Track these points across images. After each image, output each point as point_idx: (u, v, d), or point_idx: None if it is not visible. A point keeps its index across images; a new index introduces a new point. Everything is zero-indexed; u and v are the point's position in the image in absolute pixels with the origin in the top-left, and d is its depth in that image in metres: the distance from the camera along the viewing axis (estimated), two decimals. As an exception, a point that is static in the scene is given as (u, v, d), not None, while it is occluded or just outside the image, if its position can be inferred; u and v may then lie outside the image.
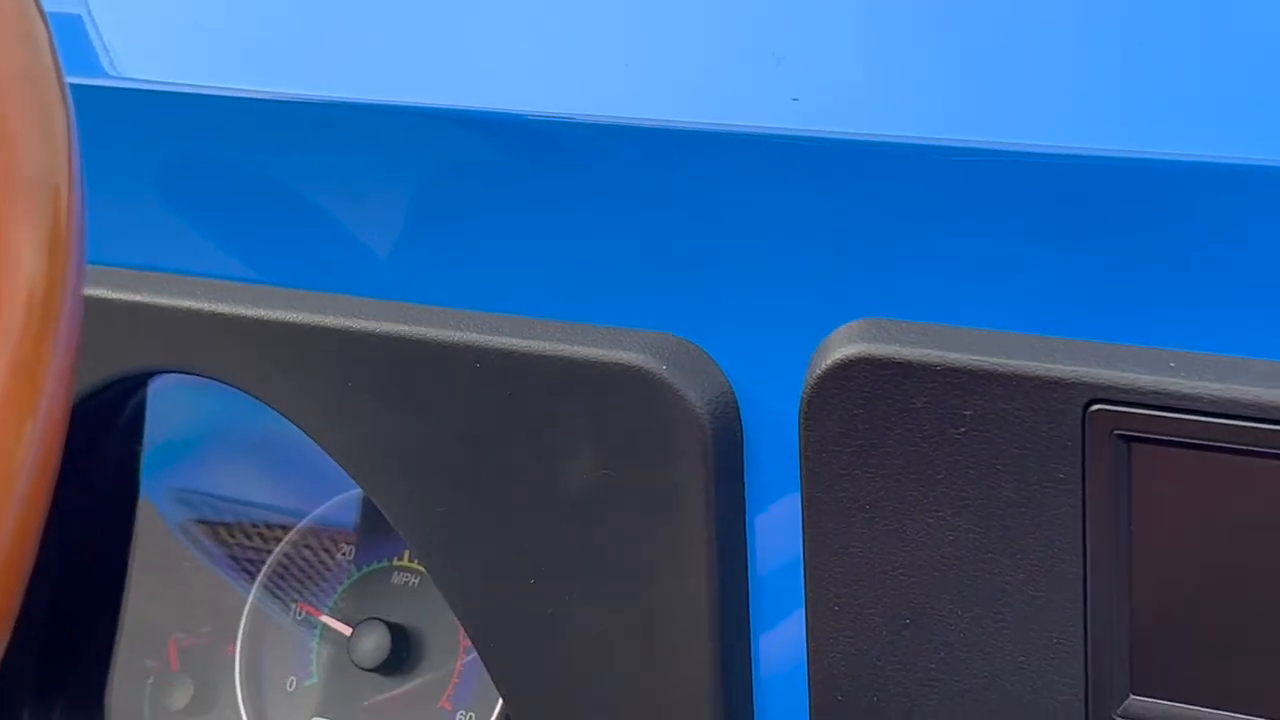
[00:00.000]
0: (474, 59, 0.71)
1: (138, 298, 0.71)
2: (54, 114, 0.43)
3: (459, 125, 0.66)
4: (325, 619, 0.79)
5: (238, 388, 0.70)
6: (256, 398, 0.70)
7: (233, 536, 0.83)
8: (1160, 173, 0.55)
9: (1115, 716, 0.58)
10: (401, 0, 0.75)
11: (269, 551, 0.82)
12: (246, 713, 0.80)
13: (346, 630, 0.78)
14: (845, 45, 0.66)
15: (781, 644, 0.64)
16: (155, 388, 0.79)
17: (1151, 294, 0.56)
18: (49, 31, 0.44)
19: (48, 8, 0.46)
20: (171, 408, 0.81)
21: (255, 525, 0.82)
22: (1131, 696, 0.57)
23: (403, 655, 0.77)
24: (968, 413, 0.57)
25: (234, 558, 0.82)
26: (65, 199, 0.42)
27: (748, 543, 0.64)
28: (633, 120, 0.63)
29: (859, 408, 0.59)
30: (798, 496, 0.61)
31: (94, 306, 0.70)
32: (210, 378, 0.71)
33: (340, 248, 0.69)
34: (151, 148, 0.72)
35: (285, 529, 0.82)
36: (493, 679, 0.68)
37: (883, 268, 0.60)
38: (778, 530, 0.64)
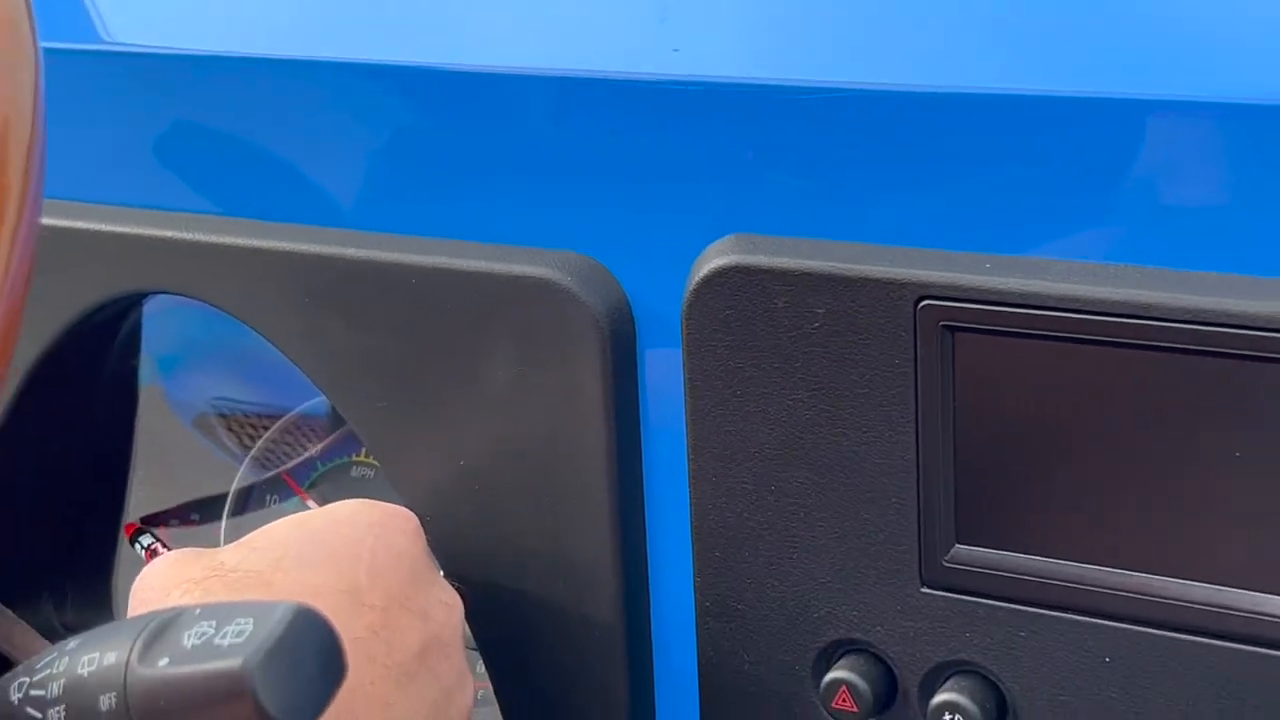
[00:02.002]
0: (410, 23, 0.69)
1: (130, 229, 0.70)
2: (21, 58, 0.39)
3: (396, 80, 0.65)
4: (309, 501, 0.79)
5: (214, 306, 0.70)
6: (231, 314, 0.70)
7: (222, 430, 0.82)
8: (961, 105, 0.55)
9: (944, 562, 0.58)
10: None
11: (252, 444, 0.81)
12: None
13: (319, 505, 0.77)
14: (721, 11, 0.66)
15: (670, 509, 0.64)
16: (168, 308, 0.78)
17: (969, 209, 0.56)
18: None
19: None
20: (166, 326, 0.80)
21: (241, 419, 0.82)
22: (956, 545, 0.58)
23: None
24: (820, 310, 0.57)
25: (224, 449, 0.82)
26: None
27: (640, 425, 0.64)
28: (540, 71, 0.62)
29: (730, 309, 0.59)
30: (681, 385, 0.61)
31: (91, 237, 0.71)
32: (183, 296, 0.71)
33: (301, 185, 0.68)
34: (147, 102, 0.71)
35: (268, 423, 0.80)
36: (433, 549, 0.67)
37: (749, 194, 0.59)
38: (665, 414, 0.63)
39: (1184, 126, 0.53)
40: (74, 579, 0.81)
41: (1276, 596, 0.53)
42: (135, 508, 0.83)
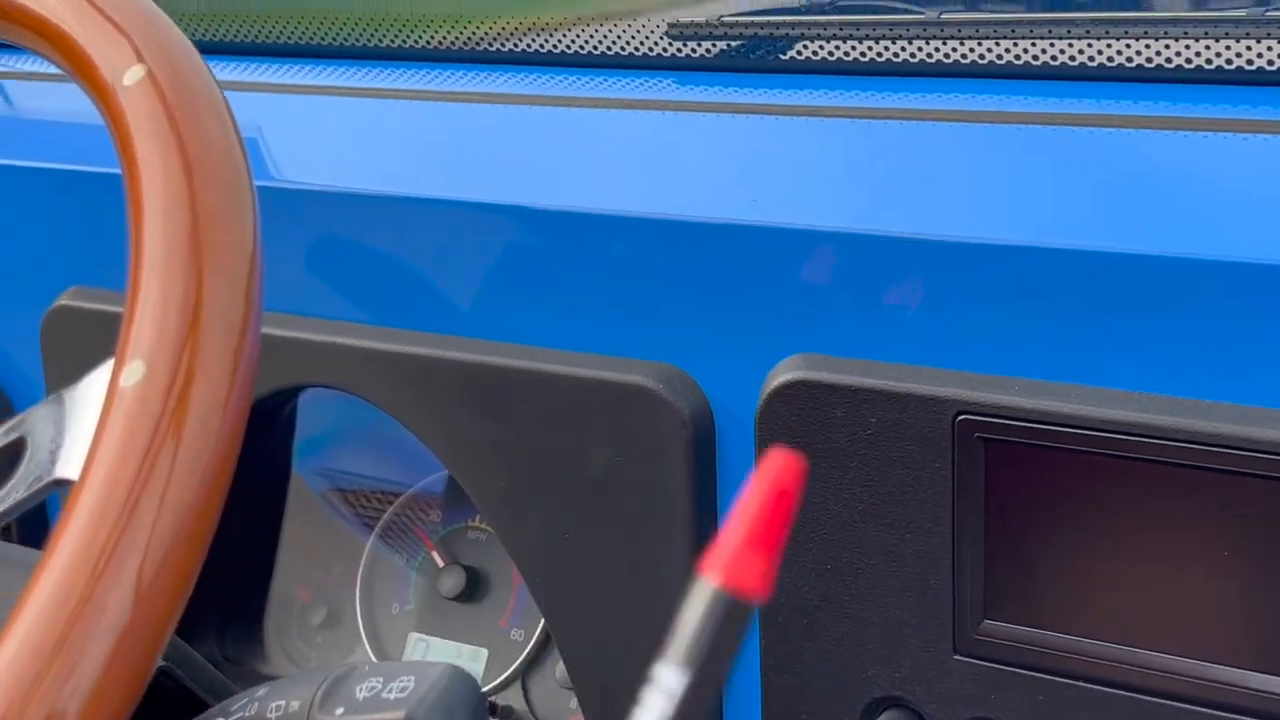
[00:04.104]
0: (541, 173, 0.68)
1: (300, 334, 0.70)
2: (245, 210, 0.41)
3: (523, 218, 0.65)
4: (434, 552, 0.78)
5: (360, 397, 0.69)
6: (377, 406, 0.69)
7: (357, 501, 0.81)
8: (990, 254, 0.55)
9: (974, 635, 0.57)
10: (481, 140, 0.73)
11: (383, 512, 0.80)
12: (364, 629, 0.79)
13: (442, 562, 0.77)
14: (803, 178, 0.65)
15: None
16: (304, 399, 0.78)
17: (1001, 340, 0.56)
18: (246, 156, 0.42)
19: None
20: (317, 413, 0.80)
21: (373, 493, 0.81)
22: (985, 620, 0.57)
23: (474, 589, 0.76)
24: (872, 420, 0.57)
25: (358, 517, 0.81)
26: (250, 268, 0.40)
27: (717, 511, 0.63)
28: (651, 214, 0.62)
29: (796, 416, 0.59)
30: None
31: (271, 339, 0.69)
32: (338, 389, 0.70)
33: (443, 300, 0.68)
34: (317, 232, 0.71)
35: (395, 496, 0.80)
36: (538, 605, 0.67)
37: (814, 319, 0.59)
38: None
39: (1183, 282, 0.52)
40: (234, 620, 0.81)
41: (1263, 675, 0.53)
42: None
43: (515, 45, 0.77)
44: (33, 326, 0.77)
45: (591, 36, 0.74)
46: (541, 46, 0.76)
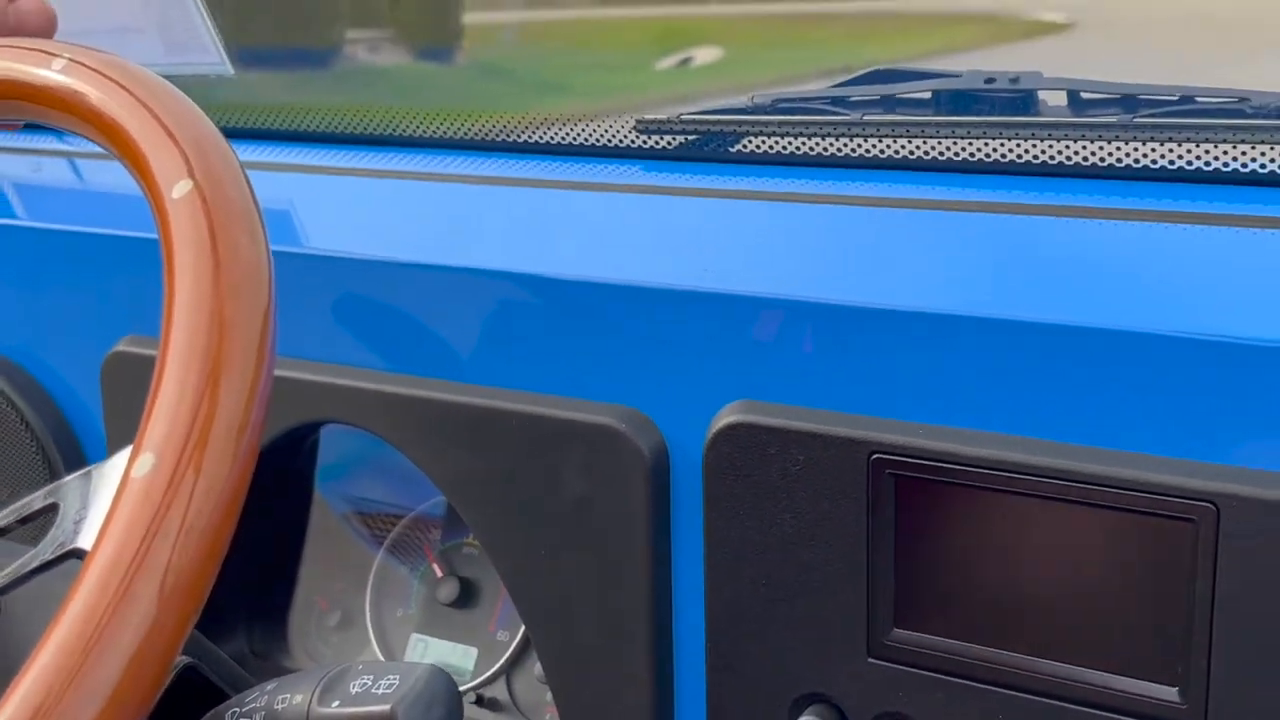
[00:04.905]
0: (536, 246, 0.68)
1: (321, 378, 0.70)
2: (262, 293, 0.40)
3: (511, 282, 0.66)
4: (434, 564, 0.78)
5: (370, 432, 0.69)
6: (383, 438, 0.69)
7: (368, 521, 0.81)
8: (897, 319, 0.56)
9: (884, 641, 0.58)
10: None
11: (390, 530, 0.80)
12: (372, 630, 0.79)
13: (440, 573, 0.77)
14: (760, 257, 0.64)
15: (689, 592, 0.63)
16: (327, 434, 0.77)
17: (910, 392, 0.57)
18: (265, 232, 0.42)
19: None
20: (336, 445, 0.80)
21: (378, 521, 0.81)
22: (894, 629, 0.58)
23: (467, 597, 0.76)
24: (800, 458, 0.58)
25: (369, 534, 0.81)
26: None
27: (671, 531, 0.63)
28: (616, 281, 0.63)
29: (737, 454, 0.59)
30: (701, 504, 0.61)
31: (295, 382, 0.70)
32: (352, 425, 0.70)
33: (441, 351, 0.68)
34: (338, 291, 0.70)
35: (400, 517, 0.79)
36: (519, 612, 0.67)
37: (757, 371, 0.60)
38: (689, 525, 0.63)
39: (1049, 345, 0.53)
40: (262, 620, 0.81)
41: (1134, 679, 0.53)
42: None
43: (510, 137, 0.77)
44: (95, 369, 0.77)
45: (573, 130, 0.75)
46: (531, 138, 0.76)
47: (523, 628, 0.74)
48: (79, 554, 0.38)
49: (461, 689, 0.74)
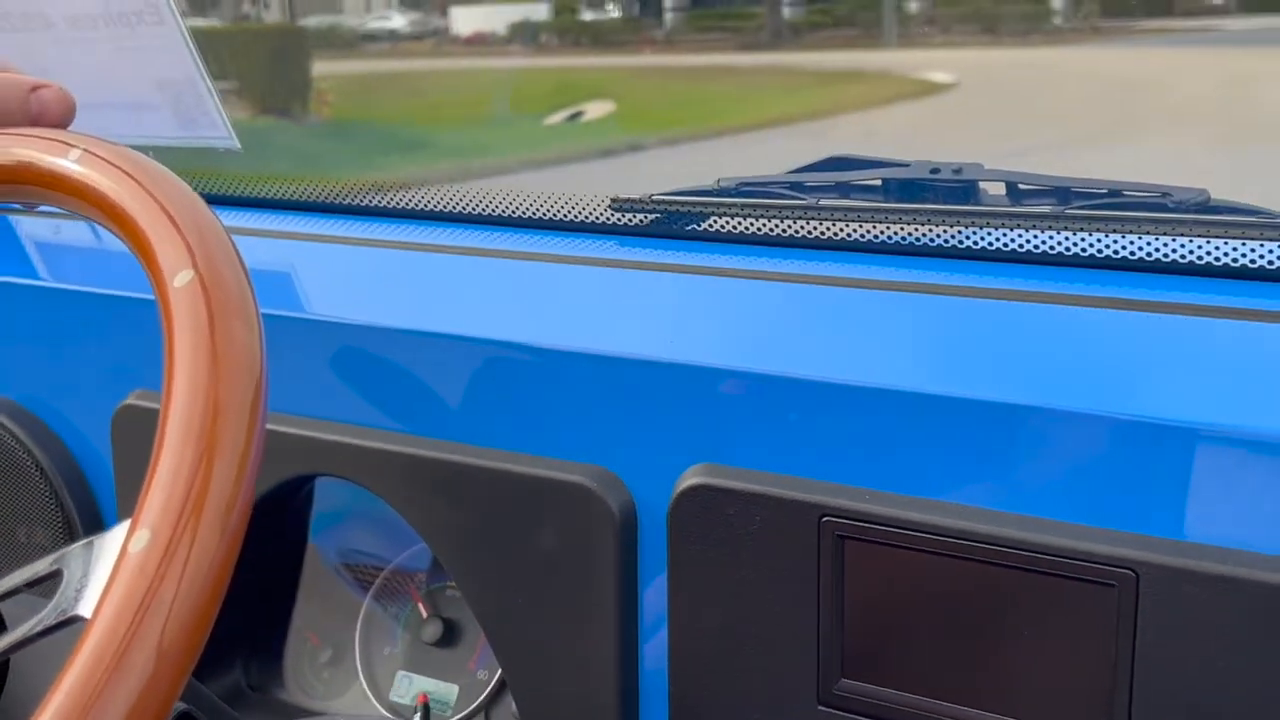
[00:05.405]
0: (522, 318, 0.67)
1: (310, 434, 0.70)
2: (253, 375, 0.40)
3: (492, 347, 0.65)
4: (420, 605, 0.77)
5: (358, 484, 0.69)
6: (370, 491, 0.68)
7: (357, 568, 0.80)
8: (845, 392, 0.56)
9: (833, 690, 0.57)
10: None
11: (378, 575, 0.79)
12: (360, 666, 0.78)
13: (425, 614, 0.76)
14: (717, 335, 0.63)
15: (653, 638, 0.63)
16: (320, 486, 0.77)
17: (858, 459, 0.57)
18: (259, 318, 0.41)
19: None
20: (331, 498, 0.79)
21: (367, 565, 0.80)
22: (842, 679, 0.57)
23: (450, 637, 0.75)
24: (757, 518, 0.58)
25: (358, 578, 0.80)
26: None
27: (637, 583, 0.63)
28: (590, 350, 0.63)
29: (699, 513, 0.59)
30: (665, 557, 0.61)
31: (288, 437, 0.70)
32: (340, 478, 0.70)
33: (425, 410, 0.67)
34: (329, 353, 0.70)
35: (384, 566, 0.79)
36: (495, 654, 0.67)
37: (718, 436, 0.60)
38: (653, 579, 0.63)
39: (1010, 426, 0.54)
40: (257, 657, 0.81)
41: None
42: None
43: (492, 210, 0.78)
44: (106, 419, 0.77)
45: (552, 206, 0.76)
46: (513, 212, 0.77)
47: (499, 670, 0.73)
48: (79, 620, 0.38)
49: (443, 724, 0.74)
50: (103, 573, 0.38)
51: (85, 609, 0.38)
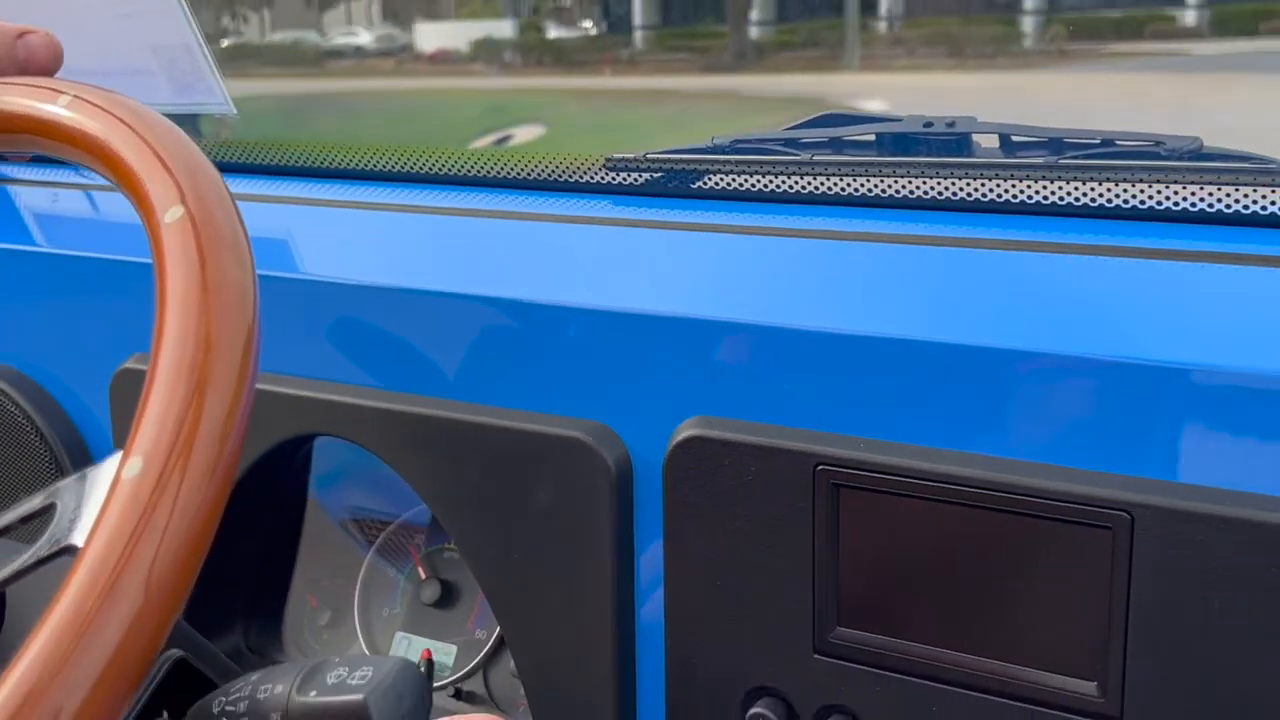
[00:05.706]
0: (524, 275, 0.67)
1: (310, 394, 0.69)
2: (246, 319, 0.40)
3: (489, 305, 0.65)
4: (419, 567, 0.77)
5: (357, 444, 0.68)
6: (370, 451, 0.68)
7: (358, 526, 0.80)
8: (839, 341, 0.56)
9: (829, 639, 0.58)
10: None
11: (378, 536, 0.79)
12: (360, 628, 0.78)
13: (424, 575, 0.76)
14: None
15: (650, 592, 0.63)
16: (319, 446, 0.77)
17: (853, 408, 0.57)
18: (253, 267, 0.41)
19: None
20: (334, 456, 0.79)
21: (370, 520, 0.80)
22: (838, 627, 0.58)
23: (448, 598, 0.76)
24: (752, 469, 0.58)
25: (358, 539, 0.80)
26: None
27: (633, 537, 0.63)
28: (586, 305, 0.62)
29: (694, 466, 0.59)
30: (661, 510, 0.61)
31: (286, 397, 0.70)
32: (340, 437, 0.69)
33: (423, 369, 0.67)
34: (329, 313, 0.70)
35: (387, 524, 0.79)
36: (494, 612, 0.67)
37: (713, 389, 0.60)
38: (650, 532, 0.63)
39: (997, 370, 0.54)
40: (257, 617, 0.80)
41: (1061, 675, 0.53)
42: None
43: (488, 172, 0.78)
44: (105, 384, 0.77)
45: (548, 166, 0.75)
46: (508, 173, 0.77)
47: (498, 627, 0.73)
48: (72, 550, 0.38)
49: (441, 683, 0.75)
50: (96, 502, 0.38)
51: (78, 538, 0.38)
